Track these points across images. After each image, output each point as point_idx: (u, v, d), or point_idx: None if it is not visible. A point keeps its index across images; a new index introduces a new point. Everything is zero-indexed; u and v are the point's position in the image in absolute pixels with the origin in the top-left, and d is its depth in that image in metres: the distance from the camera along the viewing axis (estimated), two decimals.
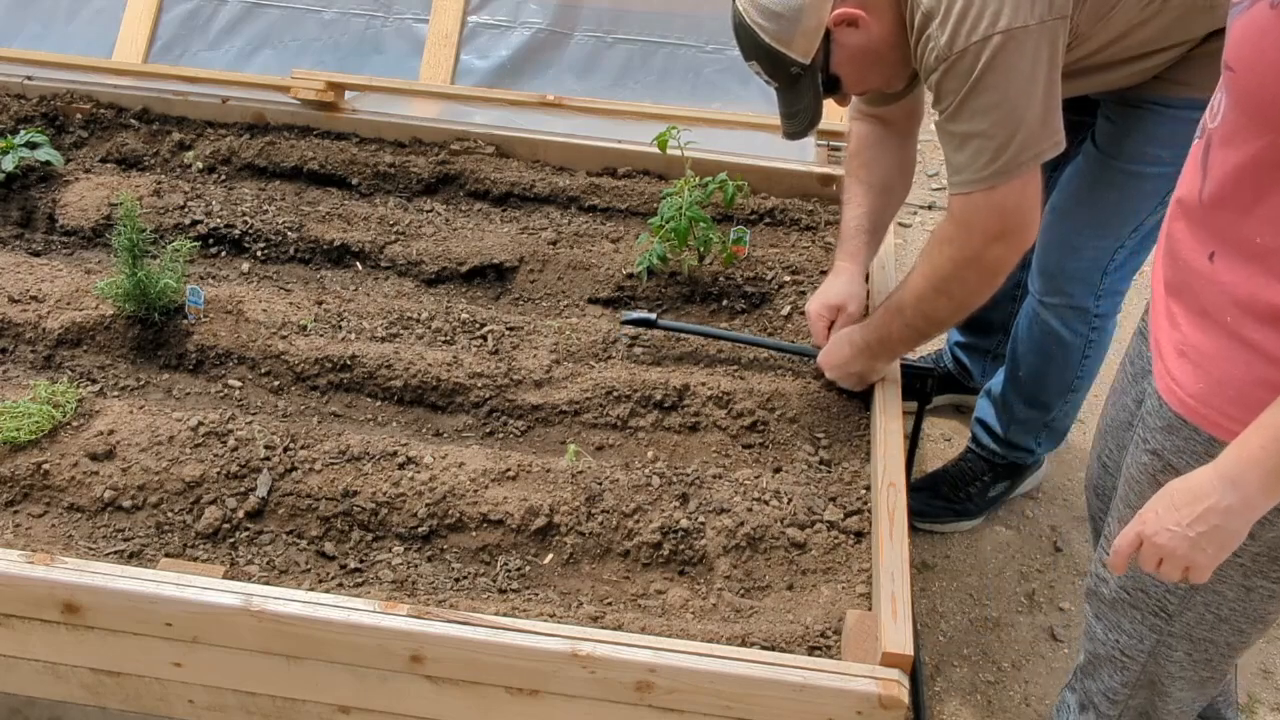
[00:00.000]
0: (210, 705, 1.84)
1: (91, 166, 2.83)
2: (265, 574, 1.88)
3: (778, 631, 1.78)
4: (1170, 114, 2.08)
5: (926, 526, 2.71)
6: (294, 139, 2.89)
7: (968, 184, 1.85)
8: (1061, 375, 2.49)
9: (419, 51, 3.10)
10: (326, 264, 2.61)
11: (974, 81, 1.76)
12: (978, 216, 1.86)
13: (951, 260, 1.92)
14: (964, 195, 1.86)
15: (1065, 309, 2.39)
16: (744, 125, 2.87)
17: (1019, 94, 1.76)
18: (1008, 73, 1.75)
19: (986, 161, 1.81)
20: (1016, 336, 2.54)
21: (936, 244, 1.96)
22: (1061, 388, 2.52)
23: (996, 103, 1.77)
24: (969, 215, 1.87)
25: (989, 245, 1.87)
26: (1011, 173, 1.80)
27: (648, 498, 1.98)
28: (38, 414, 2.02)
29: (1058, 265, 2.35)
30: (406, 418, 2.22)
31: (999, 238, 1.86)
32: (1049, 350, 2.45)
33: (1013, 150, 1.78)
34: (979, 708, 2.37)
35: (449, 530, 1.94)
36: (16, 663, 1.85)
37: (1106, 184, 2.21)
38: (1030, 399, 2.56)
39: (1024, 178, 1.81)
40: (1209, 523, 1.40)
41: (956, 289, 1.96)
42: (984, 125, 1.79)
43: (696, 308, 2.49)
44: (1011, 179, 1.81)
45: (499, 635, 1.65)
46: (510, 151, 2.87)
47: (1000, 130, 1.78)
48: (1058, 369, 2.48)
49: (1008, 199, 1.83)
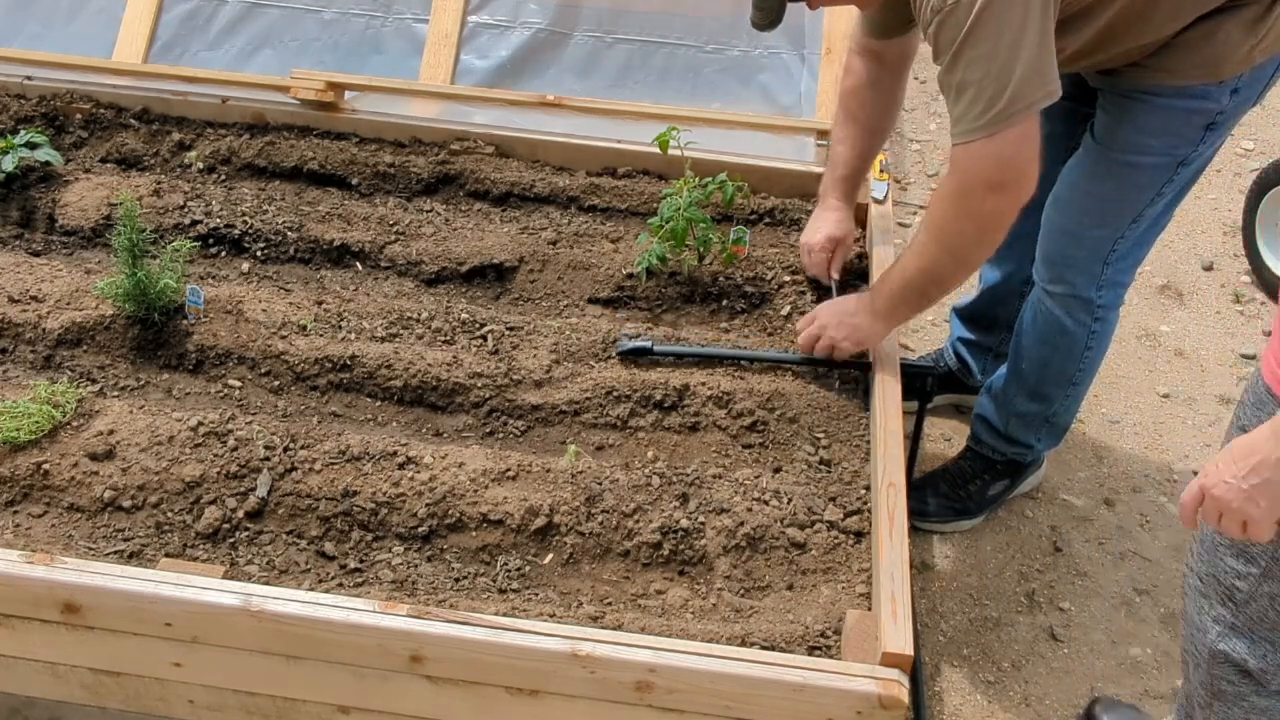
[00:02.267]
0: (210, 705, 1.84)
1: (91, 166, 2.83)
2: (265, 574, 1.88)
3: (778, 631, 1.78)
4: (1159, 103, 2.12)
5: (926, 526, 2.71)
6: (294, 139, 2.89)
7: (966, 133, 1.90)
8: (1063, 366, 2.51)
9: (419, 51, 3.10)
10: (326, 264, 2.61)
11: (967, 32, 1.81)
12: (976, 165, 1.91)
13: (950, 212, 1.99)
14: (964, 145, 1.92)
15: (1068, 298, 2.41)
16: (744, 125, 2.87)
17: (1011, 43, 1.81)
18: (1000, 23, 1.80)
19: (981, 110, 1.86)
20: (1021, 328, 2.55)
21: (937, 197, 2.02)
22: (1063, 380, 2.53)
23: (989, 52, 1.82)
24: (968, 164, 1.93)
25: (987, 195, 1.92)
26: (1007, 121, 1.85)
27: (648, 498, 1.98)
28: (38, 414, 2.02)
29: (1059, 254, 2.38)
30: (406, 418, 2.22)
31: (997, 188, 1.92)
32: (1052, 340, 2.47)
33: (1007, 98, 1.83)
34: (979, 708, 2.37)
35: (449, 530, 1.94)
36: (16, 663, 1.85)
37: (1103, 175, 2.24)
38: (1032, 391, 2.57)
39: (1021, 127, 1.86)
40: (1261, 475, 1.46)
41: (955, 241, 2.01)
42: (978, 75, 1.84)
43: (696, 308, 2.49)
44: (1009, 127, 1.86)
45: (499, 635, 1.65)
46: (510, 151, 2.87)
47: (994, 80, 1.83)
48: (1060, 359, 2.50)
49: (1004, 148, 1.88)
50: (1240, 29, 1.99)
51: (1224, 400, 3.13)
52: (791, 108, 3.00)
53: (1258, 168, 3.74)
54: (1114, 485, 2.88)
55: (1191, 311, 3.44)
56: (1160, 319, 3.40)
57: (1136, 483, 2.89)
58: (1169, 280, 3.54)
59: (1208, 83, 2.06)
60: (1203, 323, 3.40)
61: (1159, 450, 2.98)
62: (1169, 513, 2.81)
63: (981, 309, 2.87)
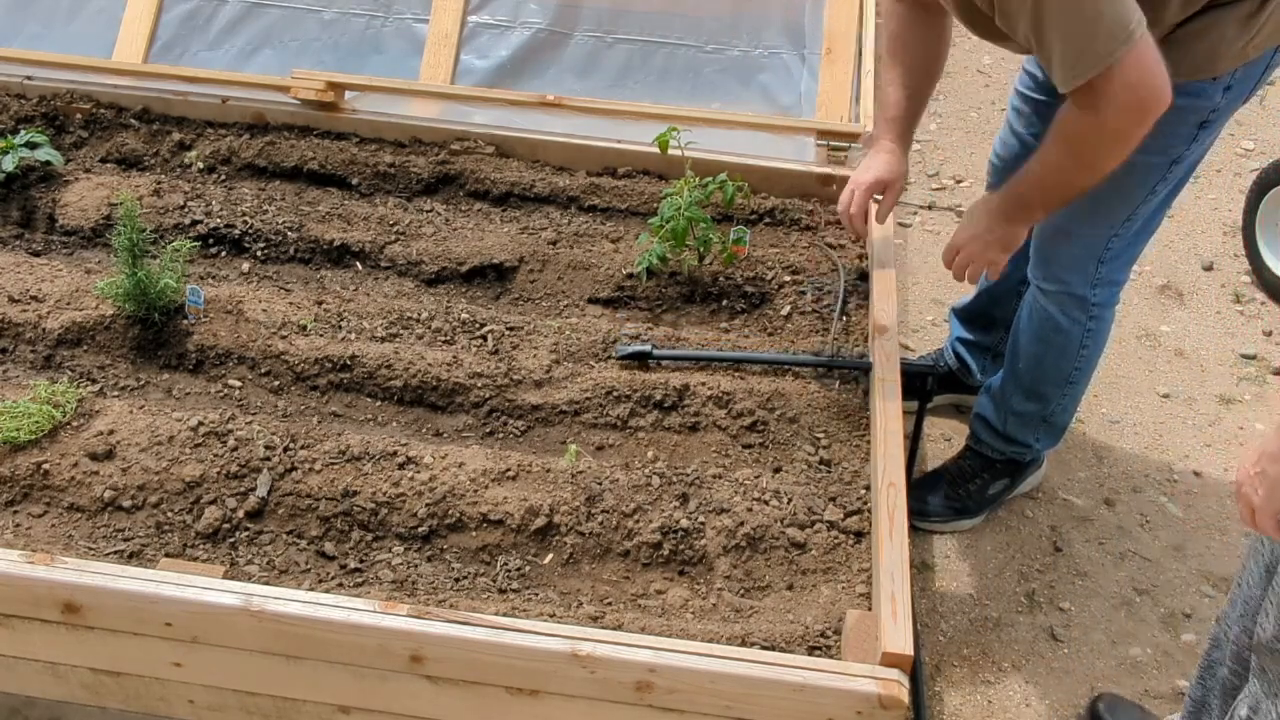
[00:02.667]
0: (210, 705, 1.84)
1: (91, 166, 2.83)
2: (265, 574, 1.88)
3: (778, 631, 1.78)
4: None
5: (927, 526, 2.71)
6: (294, 139, 2.89)
7: (1082, 74, 1.85)
8: (1059, 365, 2.51)
9: (419, 51, 3.10)
10: (326, 264, 2.61)
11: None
12: (1106, 97, 1.86)
13: (1084, 133, 1.94)
14: (1084, 86, 1.87)
15: (1063, 296, 2.41)
16: (744, 125, 2.87)
17: None
18: None
19: (1079, 52, 1.82)
20: (1017, 327, 2.56)
21: (1066, 123, 1.97)
22: (1059, 378, 2.53)
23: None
24: (1095, 100, 1.87)
25: (1120, 115, 1.88)
26: (1117, 49, 1.80)
27: (648, 498, 1.98)
28: (38, 414, 2.02)
29: (1053, 253, 2.39)
30: (406, 418, 2.22)
31: (1132, 109, 1.87)
32: (1047, 338, 2.48)
33: (1106, 27, 1.79)
34: (979, 708, 2.37)
35: (449, 530, 1.94)
36: (16, 663, 1.85)
37: None
38: (1029, 391, 2.57)
39: (1134, 48, 1.81)
40: (1260, 465, 1.52)
41: (1094, 159, 1.97)
42: (1066, 20, 1.81)
43: (696, 308, 2.49)
44: (1127, 50, 1.81)
45: (499, 635, 1.65)
46: (510, 151, 2.87)
47: (1083, 20, 1.79)
48: (1055, 358, 2.50)
49: (1128, 74, 1.83)
50: (1234, 25, 1.99)
51: (1224, 400, 3.13)
52: (791, 108, 3.00)
53: (1258, 168, 3.74)
54: (1114, 485, 2.88)
55: (1191, 311, 3.44)
56: (1160, 319, 3.40)
57: (1136, 483, 2.89)
58: (1169, 280, 3.54)
59: (1202, 79, 2.06)
60: (1203, 323, 3.40)
61: (1159, 450, 2.98)
62: (1169, 513, 2.82)
63: (980, 309, 2.87)
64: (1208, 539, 2.75)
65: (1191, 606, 2.59)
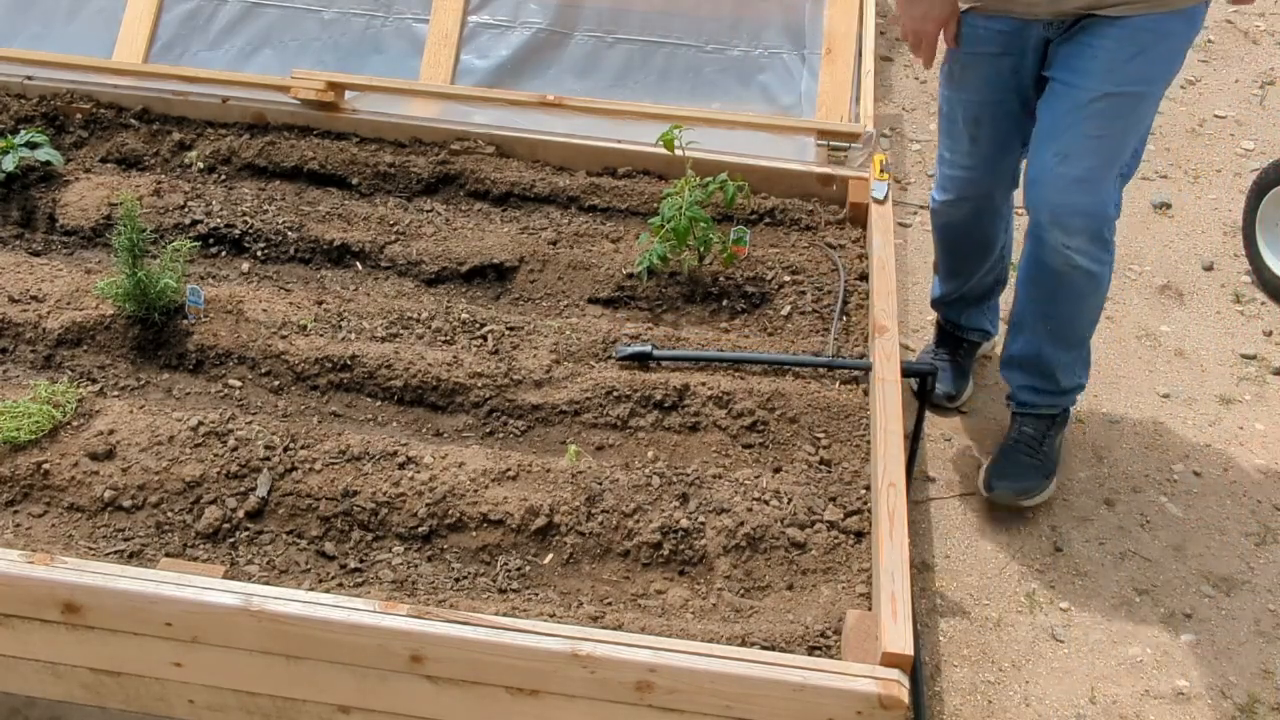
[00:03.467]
0: (210, 705, 1.84)
1: (91, 166, 2.83)
2: (265, 574, 1.88)
3: (778, 631, 1.78)
4: (1165, 29, 2.25)
5: (1029, 502, 2.74)
6: (294, 139, 2.89)
7: None
8: (1096, 306, 2.62)
9: (419, 51, 3.10)
10: (326, 264, 2.61)
11: None
12: None
13: None
14: None
15: (1090, 245, 2.46)
16: (744, 125, 2.87)
17: None
18: None
19: None
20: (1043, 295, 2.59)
21: None
22: (1095, 316, 2.65)
23: None
24: None
25: None
26: None
27: (648, 498, 1.98)
28: (38, 414, 2.02)
29: (1076, 207, 2.42)
30: (406, 418, 2.22)
31: None
32: (1081, 289, 2.55)
33: None
34: (979, 708, 2.37)
35: (449, 530, 1.95)
36: (16, 663, 1.85)
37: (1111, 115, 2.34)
38: (1069, 340, 2.66)
39: None
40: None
41: None
42: None
43: (696, 308, 2.49)
44: None
45: (499, 635, 1.65)
46: (510, 151, 2.87)
47: None
48: (1092, 303, 2.60)
49: None
50: None
51: (1224, 400, 3.13)
52: (792, 108, 3.00)
53: (1258, 168, 3.73)
54: (1114, 485, 2.88)
55: (1191, 311, 3.44)
56: (1160, 319, 3.40)
57: (1136, 483, 2.89)
58: (1169, 280, 3.54)
59: (1200, 4, 2.23)
60: (1203, 323, 3.40)
61: (1159, 450, 2.98)
62: (1169, 513, 2.82)
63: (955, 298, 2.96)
64: (1208, 539, 2.75)
65: (1191, 606, 2.59)
